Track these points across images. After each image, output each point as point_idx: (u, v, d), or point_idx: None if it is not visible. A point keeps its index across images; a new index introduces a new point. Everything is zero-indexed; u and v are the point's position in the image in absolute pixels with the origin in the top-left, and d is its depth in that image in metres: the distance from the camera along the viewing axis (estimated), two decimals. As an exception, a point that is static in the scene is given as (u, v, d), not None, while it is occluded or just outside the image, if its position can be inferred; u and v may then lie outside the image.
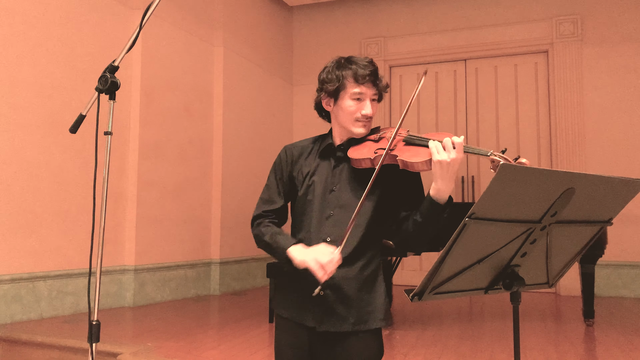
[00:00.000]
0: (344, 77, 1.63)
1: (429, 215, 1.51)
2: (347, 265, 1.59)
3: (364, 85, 1.62)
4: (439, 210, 1.49)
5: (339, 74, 1.64)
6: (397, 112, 7.08)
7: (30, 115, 4.21)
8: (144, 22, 1.65)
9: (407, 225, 1.58)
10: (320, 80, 1.70)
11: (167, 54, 5.36)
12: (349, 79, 1.63)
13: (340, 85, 1.64)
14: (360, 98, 1.63)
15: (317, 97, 1.73)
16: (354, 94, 1.63)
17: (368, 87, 1.63)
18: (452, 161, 1.42)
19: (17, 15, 4.15)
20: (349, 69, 1.63)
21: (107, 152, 1.69)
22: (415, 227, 1.55)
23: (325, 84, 1.67)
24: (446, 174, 1.44)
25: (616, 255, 5.77)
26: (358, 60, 1.65)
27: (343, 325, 1.59)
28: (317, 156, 1.72)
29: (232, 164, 6.12)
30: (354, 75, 1.62)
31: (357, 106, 1.64)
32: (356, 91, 1.63)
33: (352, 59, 1.66)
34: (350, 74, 1.63)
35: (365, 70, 1.62)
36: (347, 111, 1.65)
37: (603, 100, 6.13)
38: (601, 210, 1.38)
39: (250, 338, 3.78)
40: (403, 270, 6.64)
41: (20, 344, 3.65)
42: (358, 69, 1.62)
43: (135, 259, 4.95)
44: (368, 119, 1.66)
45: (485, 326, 4.27)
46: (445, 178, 1.45)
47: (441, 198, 1.49)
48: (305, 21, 7.59)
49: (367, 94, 1.64)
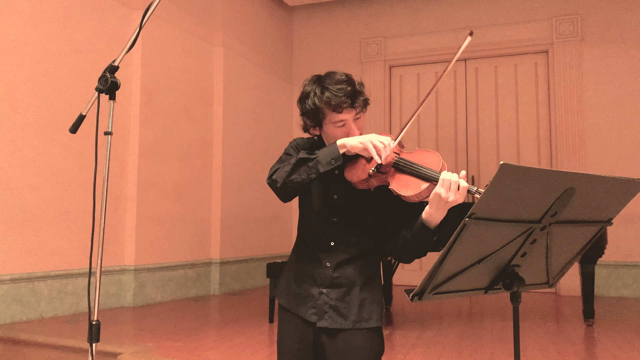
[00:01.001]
0: (320, 110, 1.60)
1: (419, 236, 1.52)
2: (350, 265, 1.64)
3: (343, 112, 1.59)
4: (428, 233, 1.50)
5: (315, 107, 1.60)
6: (397, 113, 7.08)
7: (30, 115, 4.21)
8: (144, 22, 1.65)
9: (396, 240, 1.60)
10: (300, 108, 1.67)
11: (167, 54, 5.36)
12: (326, 110, 1.59)
13: (320, 116, 1.61)
14: (344, 124, 1.61)
15: (302, 120, 1.70)
16: (336, 123, 1.61)
17: (347, 112, 1.59)
18: (452, 202, 1.44)
19: (17, 15, 4.15)
20: (322, 100, 1.58)
21: (107, 152, 1.69)
22: (405, 243, 1.57)
23: (305, 116, 1.65)
24: (442, 207, 1.46)
25: (616, 255, 5.77)
26: (331, 84, 1.58)
27: (343, 323, 1.62)
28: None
29: (232, 164, 6.12)
30: (330, 106, 1.58)
31: (342, 131, 1.62)
32: (337, 120, 1.60)
33: (325, 84, 1.59)
34: (324, 104, 1.58)
35: (339, 97, 1.56)
36: (333, 137, 1.63)
37: (603, 100, 6.13)
38: (601, 210, 1.38)
39: (250, 338, 3.78)
40: (403, 270, 6.63)
41: (20, 344, 3.65)
42: (332, 97, 1.56)
43: (135, 259, 4.95)
44: None
45: (485, 326, 4.27)
46: (440, 209, 1.46)
47: (432, 223, 1.49)
48: (305, 21, 7.59)
49: (349, 118, 1.61)
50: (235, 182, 6.14)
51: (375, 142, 1.51)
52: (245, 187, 6.24)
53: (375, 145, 1.50)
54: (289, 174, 1.55)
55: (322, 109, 1.59)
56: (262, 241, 6.54)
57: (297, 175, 1.54)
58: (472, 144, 6.74)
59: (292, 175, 1.54)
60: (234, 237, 6.08)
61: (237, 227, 6.10)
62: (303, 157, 1.55)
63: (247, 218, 6.24)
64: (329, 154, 1.54)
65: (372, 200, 1.65)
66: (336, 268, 1.63)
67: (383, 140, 1.51)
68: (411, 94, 7.03)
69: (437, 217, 1.48)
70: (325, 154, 1.54)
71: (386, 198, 1.63)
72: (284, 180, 1.55)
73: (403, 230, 1.57)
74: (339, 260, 1.63)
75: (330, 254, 1.64)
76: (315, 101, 1.59)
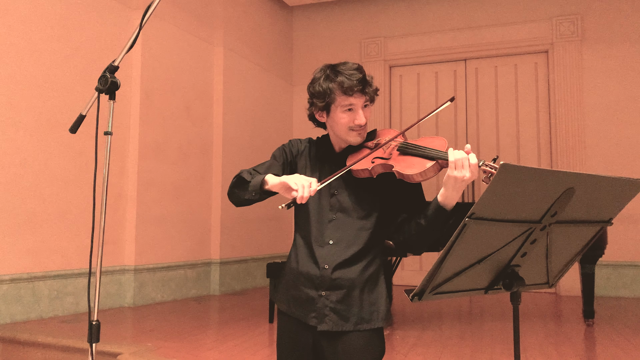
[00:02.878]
0: (331, 91, 1.61)
1: (434, 220, 1.52)
2: (349, 266, 1.62)
3: (353, 96, 1.60)
4: (445, 216, 1.50)
5: (326, 88, 1.61)
6: (397, 113, 7.08)
7: (30, 115, 4.21)
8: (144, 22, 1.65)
9: (409, 228, 1.59)
10: (309, 93, 1.68)
11: (167, 54, 5.36)
12: (337, 91, 1.60)
13: (330, 99, 1.62)
14: (352, 109, 1.62)
15: (309, 108, 1.71)
16: (345, 106, 1.61)
17: (357, 96, 1.60)
18: (468, 179, 1.44)
19: (17, 15, 4.15)
20: (335, 82, 1.60)
21: (107, 152, 1.69)
22: (419, 230, 1.56)
23: (315, 98, 1.66)
24: (459, 187, 1.46)
25: (616, 255, 5.77)
26: (344, 69, 1.61)
27: (344, 325, 1.60)
28: (315, 159, 1.73)
29: (232, 164, 6.12)
30: (342, 88, 1.59)
31: (349, 117, 1.62)
32: (346, 103, 1.61)
33: (339, 68, 1.62)
34: (337, 86, 1.60)
35: (352, 81, 1.58)
36: (340, 122, 1.63)
37: (603, 100, 6.13)
38: (601, 210, 1.38)
39: (250, 338, 3.78)
40: (403, 270, 6.64)
41: (20, 344, 3.65)
42: (345, 80, 1.58)
43: (135, 259, 4.95)
44: (362, 127, 1.64)
45: (485, 326, 4.27)
46: (457, 189, 1.47)
47: (449, 204, 1.50)
48: (305, 21, 7.59)
49: (358, 103, 1.61)
50: (235, 182, 6.14)
51: (296, 181, 1.48)
52: (245, 187, 6.23)
53: (295, 182, 1.48)
54: (237, 186, 1.67)
55: (333, 91, 1.60)
56: (262, 241, 6.54)
57: (238, 191, 1.67)
58: (472, 144, 6.72)
59: (239, 190, 1.66)
60: (234, 237, 6.08)
61: (237, 227, 6.10)
62: (241, 178, 1.65)
63: (247, 218, 6.23)
64: (254, 186, 1.60)
65: (374, 193, 1.64)
66: (335, 269, 1.61)
67: (305, 180, 1.48)
68: (411, 94, 7.02)
69: (453, 198, 1.49)
70: (253, 184, 1.61)
71: (389, 189, 1.62)
72: (229, 191, 1.71)
73: (415, 218, 1.57)
74: (338, 261, 1.61)
75: (328, 255, 1.61)
76: (327, 83, 1.61)
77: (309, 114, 1.73)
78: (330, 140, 1.74)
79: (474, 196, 6.47)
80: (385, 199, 1.65)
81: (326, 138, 1.77)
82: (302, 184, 1.46)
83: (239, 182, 1.66)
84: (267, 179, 1.58)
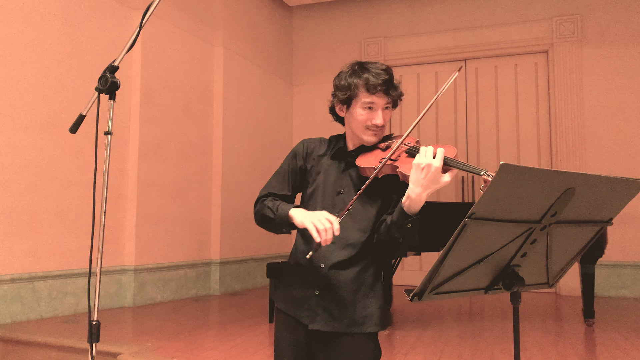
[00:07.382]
0: (355, 86, 1.61)
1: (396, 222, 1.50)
2: (346, 267, 1.61)
3: (375, 95, 1.60)
4: (406, 218, 1.47)
5: (351, 82, 1.62)
6: (397, 112, 7.07)
7: (30, 115, 4.21)
8: (144, 22, 1.65)
9: (380, 228, 1.59)
10: (334, 85, 1.69)
11: (167, 54, 5.36)
12: (361, 87, 1.61)
13: (352, 93, 1.62)
14: (372, 107, 1.62)
15: (331, 101, 1.72)
16: (365, 103, 1.61)
17: (380, 96, 1.60)
18: (427, 166, 1.41)
19: (17, 15, 4.15)
20: (361, 78, 1.61)
21: (107, 152, 1.69)
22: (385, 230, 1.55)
23: (338, 91, 1.66)
24: (419, 179, 1.43)
25: (616, 255, 5.77)
26: (372, 67, 1.62)
27: (336, 326, 1.59)
28: (329, 157, 1.73)
29: (232, 164, 6.12)
30: (366, 85, 1.59)
31: (368, 115, 1.62)
32: (367, 100, 1.61)
33: (367, 65, 1.63)
34: (362, 82, 1.60)
35: (377, 80, 1.59)
36: (358, 119, 1.64)
37: (603, 100, 6.13)
38: (601, 210, 1.38)
39: (250, 338, 3.78)
40: (403, 270, 6.64)
41: (20, 344, 3.65)
42: (370, 77, 1.59)
43: (135, 259, 4.95)
44: (379, 128, 1.64)
45: (485, 326, 4.27)
46: (417, 184, 1.43)
47: (412, 206, 1.46)
48: (305, 21, 7.59)
49: (379, 103, 1.61)
50: (235, 182, 6.14)
51: (317, 225, 1.46)
52: (245, 187, 6.24)
53: (317, 228, 1.46)
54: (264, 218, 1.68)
55: (357, 86, 1.61)
56: (262, 241, 6.54)
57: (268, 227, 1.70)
58: (472, 144, 6.74)
59: (266, 221, 1.68)
60: (234, 237, 6.08)
61: (237, 227, 6.10)
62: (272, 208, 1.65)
63: (247, 218, 6.21)
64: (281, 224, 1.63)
65: (377, 196, 1.63)
66: (331, 268, 1.60)
67: (326, 222, 1.47)
68: (411, 94, 7.02)
69: (414, 199, 1.44)
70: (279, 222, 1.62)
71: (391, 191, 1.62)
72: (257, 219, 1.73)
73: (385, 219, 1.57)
74: (334, 261, 1.60)
75: (326, 253, 1.60)
76: (353, 78, 1.62)
77: (330, 107, 1.73)
78: (345, 137, 1.74)
79: (474, 196, 6.47)
80: (386, 202, 1.65)
81: (341, 136, 1.77)
82: (324, 227, 1.45)
83: (264, 219, 1.68)
84: (293, 215, 1.58)
